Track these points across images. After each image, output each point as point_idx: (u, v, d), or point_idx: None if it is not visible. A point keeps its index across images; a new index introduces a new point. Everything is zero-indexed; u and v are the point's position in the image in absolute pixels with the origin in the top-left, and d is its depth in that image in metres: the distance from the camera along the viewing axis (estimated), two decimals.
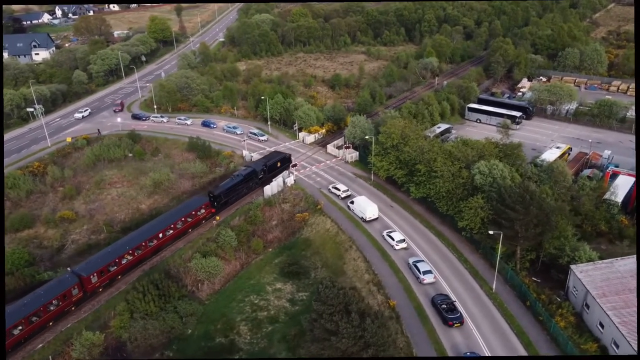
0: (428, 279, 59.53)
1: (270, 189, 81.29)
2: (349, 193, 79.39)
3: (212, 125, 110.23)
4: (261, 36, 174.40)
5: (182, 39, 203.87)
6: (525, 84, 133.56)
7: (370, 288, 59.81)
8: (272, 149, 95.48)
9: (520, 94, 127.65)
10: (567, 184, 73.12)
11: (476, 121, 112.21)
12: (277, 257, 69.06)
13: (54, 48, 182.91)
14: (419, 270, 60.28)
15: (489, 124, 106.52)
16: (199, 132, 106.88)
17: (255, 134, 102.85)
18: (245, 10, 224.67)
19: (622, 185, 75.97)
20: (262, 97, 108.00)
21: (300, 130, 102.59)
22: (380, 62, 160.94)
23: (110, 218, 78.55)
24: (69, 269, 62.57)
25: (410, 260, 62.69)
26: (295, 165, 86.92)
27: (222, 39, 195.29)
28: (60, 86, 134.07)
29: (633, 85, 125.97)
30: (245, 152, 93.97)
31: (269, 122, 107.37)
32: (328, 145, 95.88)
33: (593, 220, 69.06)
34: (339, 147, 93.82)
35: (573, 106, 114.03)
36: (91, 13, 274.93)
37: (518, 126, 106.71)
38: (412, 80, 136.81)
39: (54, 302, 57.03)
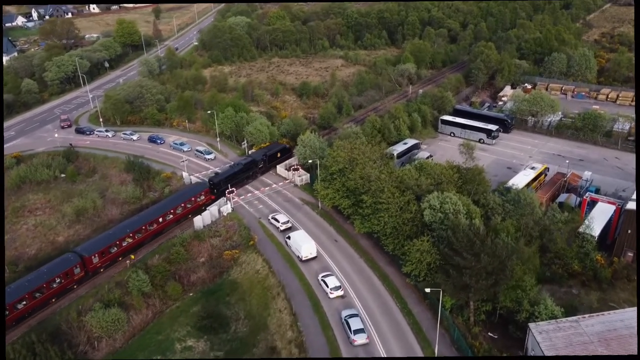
0: (360, 340, 49.84)
1: (202, 219, 71.75)
2: (289, 225, 69.63)
3: (159, 141, 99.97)
4: (233, 40, 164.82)
5: (155, 43, 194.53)
6: (508, 92, 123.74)
7: (292, 350, 50.25)
8: (217, 169, 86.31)
9: (501, 103, 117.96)
10: (536, 216, 63.40)
11: (450, 135, 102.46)
12: (196, 304, 59.35)
13: (15, 53, 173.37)
14: (349, 329, 50.74)
15: (464, 139, 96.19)
16: (143, 149, 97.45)
17: (201, 152, 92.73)
18: (223, 12, 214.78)
19: (600, 215, 66.13)
20: (209, 112, 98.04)
21: (251, 147, 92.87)
22: (359, 67, 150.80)
23: (17, 255, 68.94)
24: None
25: (343, 314, 53.07)
26: (232, 192, 77.14)
27: (196, 43, 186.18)
28: (6, 96, 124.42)
29: (623, 93, 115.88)
30: (184, 174, 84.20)
31: (218, 139, 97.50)
32: (277, 166, 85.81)
33: (564, 259, 59.59)
34: (289, 169, 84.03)
35: (556, 118, 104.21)
36: (70, 15, 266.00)
37: (494, 141, 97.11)
38: (387, 89, 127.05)
39: (56, 279, 59.84)
